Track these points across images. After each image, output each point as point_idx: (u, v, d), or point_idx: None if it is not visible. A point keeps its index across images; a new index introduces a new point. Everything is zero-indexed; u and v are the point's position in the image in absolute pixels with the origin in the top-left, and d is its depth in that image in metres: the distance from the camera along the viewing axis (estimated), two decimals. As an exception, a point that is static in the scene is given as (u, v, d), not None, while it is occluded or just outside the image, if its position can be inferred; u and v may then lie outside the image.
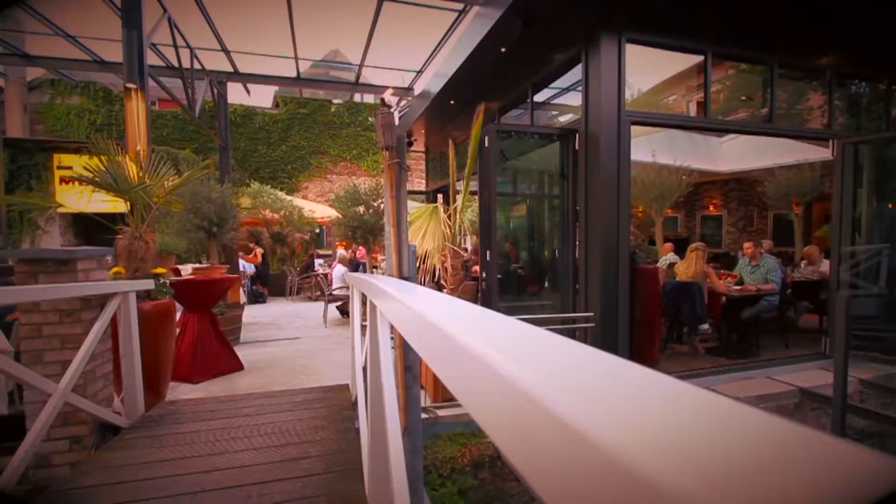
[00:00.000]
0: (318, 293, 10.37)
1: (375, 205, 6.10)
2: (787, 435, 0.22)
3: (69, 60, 6.85)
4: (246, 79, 7.57)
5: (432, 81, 6.35)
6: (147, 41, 4.12)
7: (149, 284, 3.31)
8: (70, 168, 8.81)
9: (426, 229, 3.27)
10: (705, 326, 4.59)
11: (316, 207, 11.52)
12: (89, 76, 10.16)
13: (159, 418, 3.09)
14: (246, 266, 9.42)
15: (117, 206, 3.60)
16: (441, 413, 3.59)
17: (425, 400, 3.76)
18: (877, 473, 0.18)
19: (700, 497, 0.18)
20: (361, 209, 6.55)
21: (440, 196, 8.73)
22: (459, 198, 3.65)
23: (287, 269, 10.44)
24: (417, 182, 15.62)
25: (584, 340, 4.00)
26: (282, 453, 2.44)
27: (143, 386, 3.15)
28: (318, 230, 12.97)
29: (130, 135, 3.97)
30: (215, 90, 7.30)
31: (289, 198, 10.78)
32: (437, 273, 3.36)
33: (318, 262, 11.02)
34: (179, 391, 4.19)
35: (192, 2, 5.15)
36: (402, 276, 1.99)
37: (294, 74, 7.62)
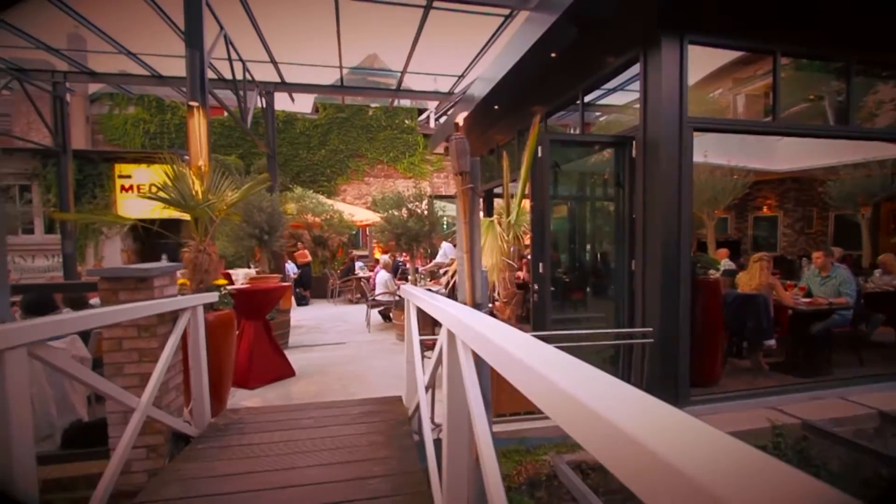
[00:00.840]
0: (359, 296, 10.55)
1: (419, 211, 6.11)
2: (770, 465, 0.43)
3: (130, 76, 7.23)
4: (292, 88, 7.77)
5: (476, 86, 6.30)
6: (207, 60, 4.27)
7: (213, 297, 3.43)
8: (129, 177, 9.37)
9: (484, 246, 3.21)
10: (771, 342, 4.33)
11: (355, 211, 11.71)
12: (145, 89, 10.68)
13: (225, 427, 3.19)
14: (289, 269, 9.68)
15: (171, 213, 3.74)
16: (496, 429, 3.54)
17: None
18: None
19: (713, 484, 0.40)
20: (405, 212, 6.56)
21: (480, 201, 8.67)
22: (513, 211, 3.58)
23: (328, 272, 10.67)
24: (448, 186, 15.62)
25: (642, 356, 3.85)
26: (348, 471, 2.47)
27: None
28: (354, 231, 13.20)
29: (193, 151, 4.13)
30: (263, 100, 7.52)
31: (330, 202, 11.01)
32: (495, 289, 3.30)
33: (357, 264, 11.20)
34: (237, 397, 4.34)
35: (246, 18, 5.31)
36: (475, 304, 1.96)
37: (334, 80, 7.76)
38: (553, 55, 4.65)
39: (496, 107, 6.40)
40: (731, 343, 4.82)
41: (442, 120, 15.73)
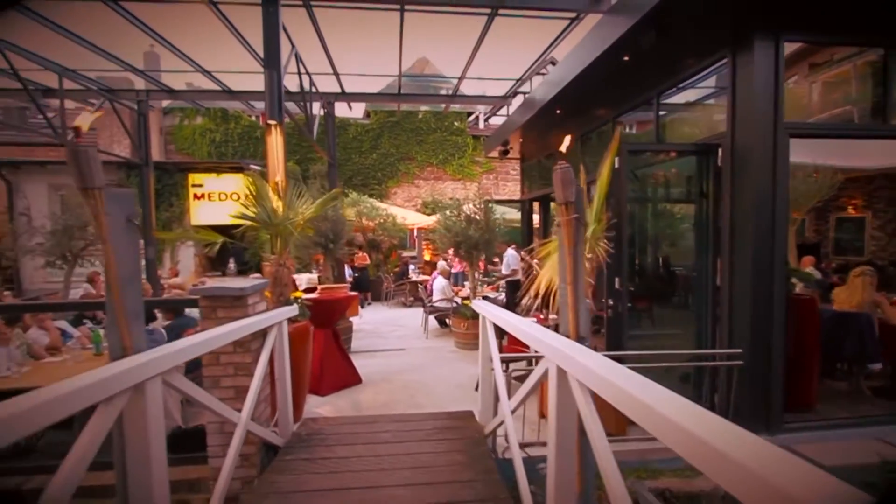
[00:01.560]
0: (412, 299, 10.71)
1: (478, 217, 6.07)
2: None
3: (203, 92, 7.68)
4: (352, 98, 7.96)
5: (539, 89, 6.17)
6: (283, 80, 4.44)
7: (295, 311, 3.56)
8: (201, 185, 10.02)
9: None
10: (877, 365, 3.93)
11: (408, 214, 11.86)
12: (215, 103, 11.28)
13: (307, 438, 3.31)
14: (346, 273, 9.95)
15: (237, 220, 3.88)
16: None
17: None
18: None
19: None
20: (463, 219, 6.51)
21: (536, 204, 8.52)
22: (591, 224, 3.45)
23: (382, 275, 10.87)
24: (505, 188, 15.44)
25: (728, 379, 3.61)
26: (436, 494, 2.47)
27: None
28: (405, 234, 13.39)
29: (270, 166, 4.31)
30: (324, 110, 7.75)
31: (384, 206, 11.21)
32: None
33: (410, 267, 11.34)
34: (310, 404, 4.49)
35: (314, 35, 5.47)
36: (578, 337, 1.89)
37: (386, 86, 7.88)
38: (626, 59, 4.45)
39: (558, 110, 6.23)
40: (825, 364, 4.43)
41: (492, 121, 15.61)
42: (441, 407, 4.29)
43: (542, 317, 5.14)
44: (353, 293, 5.18)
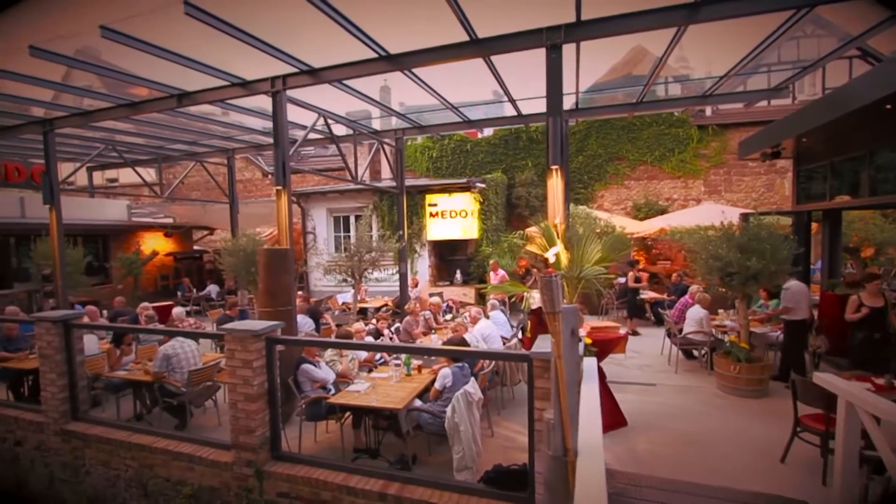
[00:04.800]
0: (631, 317, 9.99)
1: (767, 247, 5.11)
2: None
3: (446, 125, 8.53)
4: (590, 113, 7.77)
5: (859, 84, 4.85)
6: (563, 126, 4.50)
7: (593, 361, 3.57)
8: (435, 205, 11.37)
9: None
10: None
11: (625, 222, 11.07)
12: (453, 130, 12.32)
13: (619, 499, 3.26)
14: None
15: (465, 233, 4.01)
16: None
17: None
18: None
19: None
20: (735, 243, 5.55)
21: (812, 213, 6.84)
22: None
23: (599, 287, 10.43)
24: (741, 184, 13.00)
25: None
26: None
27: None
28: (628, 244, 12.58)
29: (551, 209, 4.44)
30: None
31: (604, 215, 10.69)
32: None
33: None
34: (585, 444, 4.50)
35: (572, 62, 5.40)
36: None
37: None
38: None
39: (889, 105, 4.78)
40: None
41: (724, 106, 13.27)
42: (743, 480, 3.76)
43: (880, 382, 4.06)
44: (624, 332, 4.99)
